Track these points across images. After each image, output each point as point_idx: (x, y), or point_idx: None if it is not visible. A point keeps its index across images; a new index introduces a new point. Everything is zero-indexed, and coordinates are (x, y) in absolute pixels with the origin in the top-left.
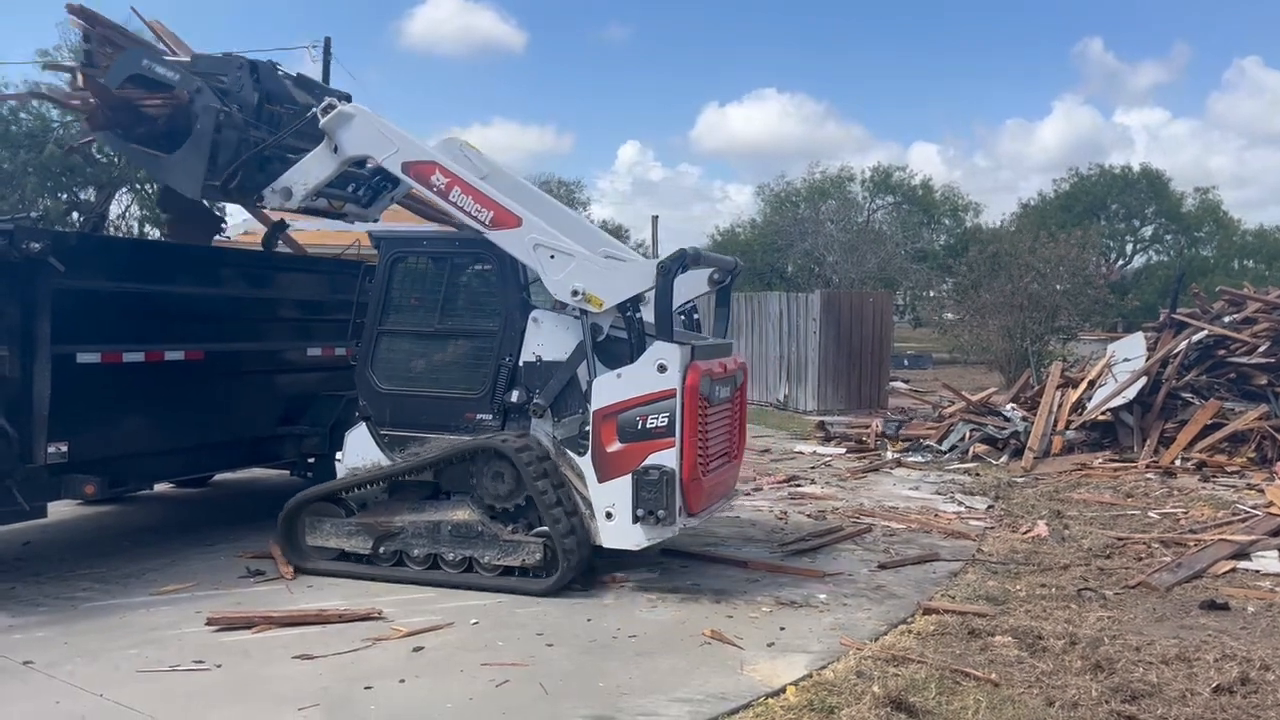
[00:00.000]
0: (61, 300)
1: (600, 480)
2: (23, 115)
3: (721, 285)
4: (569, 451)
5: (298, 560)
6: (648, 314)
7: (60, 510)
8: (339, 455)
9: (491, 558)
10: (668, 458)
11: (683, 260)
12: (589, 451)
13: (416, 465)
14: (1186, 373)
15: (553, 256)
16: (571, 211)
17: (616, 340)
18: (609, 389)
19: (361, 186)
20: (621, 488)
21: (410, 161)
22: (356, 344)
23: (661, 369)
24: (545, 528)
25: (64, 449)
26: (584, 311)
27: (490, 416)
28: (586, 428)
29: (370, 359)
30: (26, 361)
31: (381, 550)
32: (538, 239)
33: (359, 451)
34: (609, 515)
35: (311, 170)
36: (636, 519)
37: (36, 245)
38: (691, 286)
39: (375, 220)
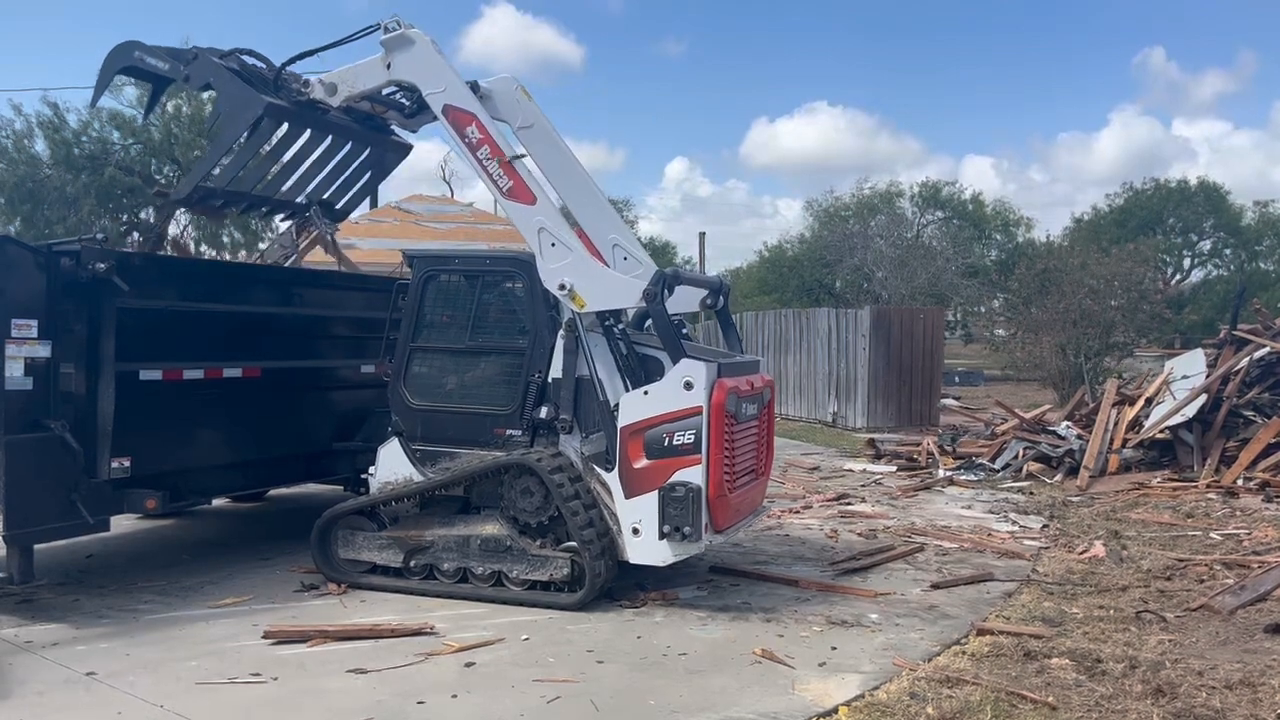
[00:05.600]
0: (125, 319)
1: (627, 496)
2: (84, 139)
3: (714, 308)
4: (596, 467)
5: (330, 572)
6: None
7: (121, 524)
8: (371, 470)
9: (520, 572)
10: (694, 474)
11: (664, 282)
12: (616, 467)
13: (448, 480)
14: (1248, 390)
15: (553, 245)
16: (597, 189)
17: (646, 359)
18: (636, 406)
19: (409, 95)
20: (648, 504)
21: (452, 105)
22: (389, 360)
23: (688, 386)
24: (573, 543)
25: (126, 464)
26: (569, 308)
27: (519, 432)
28: (614, 444)
29: (403, 375)
30: (91, 378)
31: (412, 564)
32: (544, 223)
33: (391, 466)
34: (636, 531)
35: (360, 76)
36: (663, 535)
37: (102, 265)
38: (674, 303)
39: (415, 132)
